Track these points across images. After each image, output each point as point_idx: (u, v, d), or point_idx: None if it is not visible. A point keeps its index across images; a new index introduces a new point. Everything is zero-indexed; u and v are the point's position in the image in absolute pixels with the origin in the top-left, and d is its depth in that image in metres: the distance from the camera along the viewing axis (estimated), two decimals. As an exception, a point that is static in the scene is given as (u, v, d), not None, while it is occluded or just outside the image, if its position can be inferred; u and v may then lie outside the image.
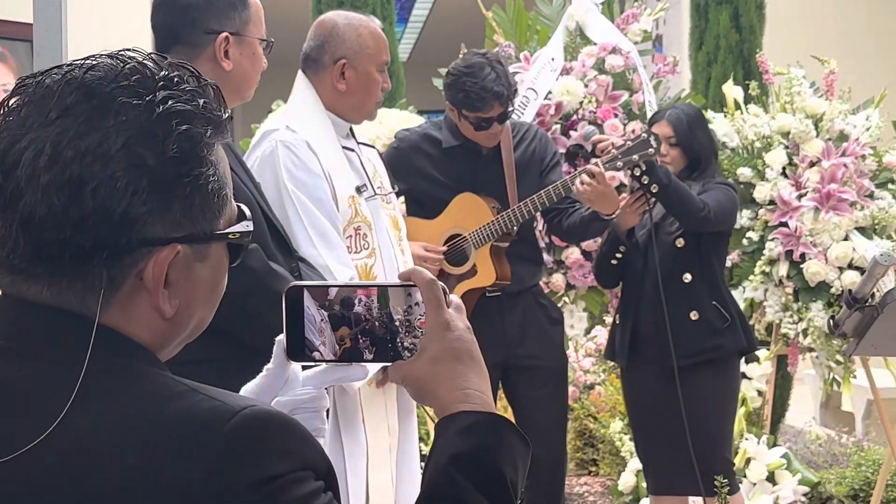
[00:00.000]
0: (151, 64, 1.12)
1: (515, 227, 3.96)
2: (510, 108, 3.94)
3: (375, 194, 3.14)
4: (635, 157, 3.77)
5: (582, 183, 3.77)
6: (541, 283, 4.29)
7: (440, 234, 4.01)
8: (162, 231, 1.08)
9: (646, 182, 3.82)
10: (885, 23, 9.91)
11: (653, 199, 3.91)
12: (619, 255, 4.12)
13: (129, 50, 1.14)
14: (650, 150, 3.75)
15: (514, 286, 4.02)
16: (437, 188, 4.00)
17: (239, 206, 1.18)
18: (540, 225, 4.48)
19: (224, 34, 2.50)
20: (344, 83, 3.05)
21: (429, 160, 4.02)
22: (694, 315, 3.97)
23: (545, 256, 4.86)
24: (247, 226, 1.17)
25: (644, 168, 3.81)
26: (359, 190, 3.04)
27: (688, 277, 3.99)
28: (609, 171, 3.80)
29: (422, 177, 4.01)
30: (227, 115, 1.15)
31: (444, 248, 3.98)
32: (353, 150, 3.15)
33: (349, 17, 3.11)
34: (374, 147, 3.44)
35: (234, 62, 2.52)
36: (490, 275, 3.95)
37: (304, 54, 3.11)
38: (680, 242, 4.01)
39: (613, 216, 3.90)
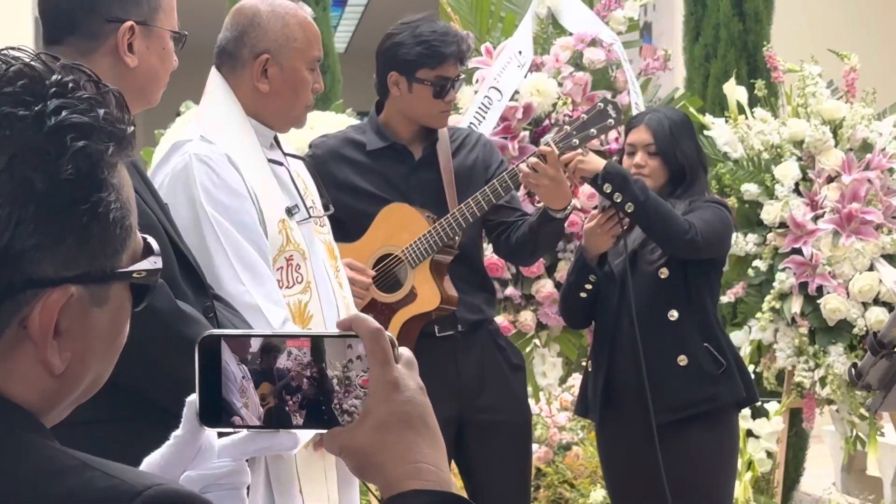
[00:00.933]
0: (41, 66, 1.11)
1: (458, 237, 3.96)
2: (461, 76, 4.02)
3: (309, 217, 3.13)
4: (593, 130, 3.81)
5: (529, 166, 3.79)
6: (507, 322, 4.30)
7: (367, 257, 3.97)
8: (52, 270, 1.07)
9: (618, 200, 3.83)
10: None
11: (627, 221, 3.93)
12: (588, 287, 4.12)
13: (12, 48, 1.13)
14: (609, 121, 3.79)
15: (469, 315, 4.02)
16: (361, 200, 3.98)
17: (145, 239, 1.17)
18: (489, 250, 4.49)
19: (129, 23, 2.48)
20: (266, 83, 3.03)
21: (350, 167, 4.02)
22: (682, 360, 3.97)
23: (511, 290, 4.86)
24: (154, 262, 1.16)
25: (614, 182, 3.82)
26: (289, 212, 3.02)
27: (674, 315, 3.99)
28: (564, 150, 3.82)
29: (341, 188, 3.96)
30: (131, 128, 1.14)
31: (373, 273, 3.95)
32: (280, 164, 3.14)
33: (273, 4, 3.08)
34: (303, 159, 3.43)
35: (139, 57, 2.51)
36: (433, 297, 3.94)
37: (219, 47, 3.09)
38: (664, 273, 4.01)
39: (565, 213, 3.90)
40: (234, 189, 2.85)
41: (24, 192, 1.05)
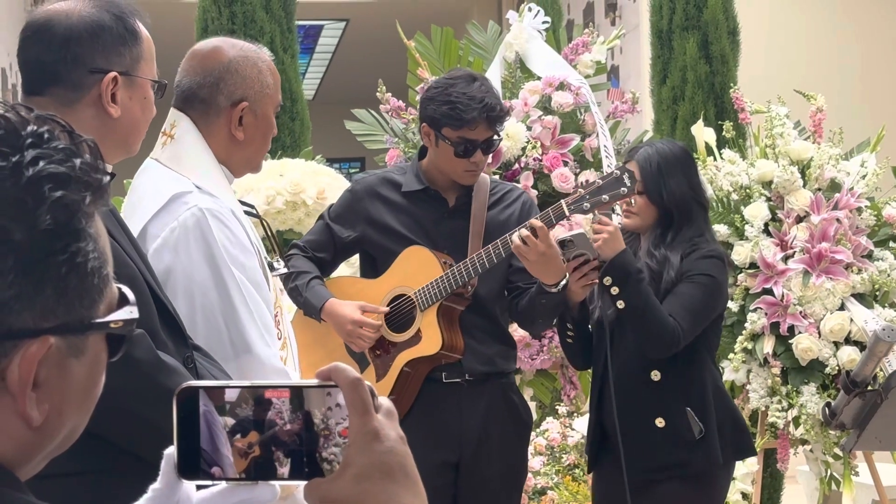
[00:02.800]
0: (15, 117, 1.11)
1: (470, 286, 3.98)
2: (497, 137, 4.02)
3: (278, 273, 3.11)
4: (605, 197, 3.79)
5: (520, 238, 3.78)
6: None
7: (383, 295, 4.05)
8: (31, 321, 1.07)
9: (614, 293, 3.80)
10: (883, 51, 10.14)
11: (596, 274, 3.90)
12: (569, 334, 4.11)
13: None
14: (622, 189, 3.76)
15: (478, 366, 4.03)
16: (390, 239, 4.06)
17: (120, 289, 1.17)
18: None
19: (112, 74, 2.47)
20: (241, 130, 2.99)
21: (384, 205, 4.10)
22: (660, 422, 3.91)
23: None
24: (130, 312, 1.16)
25: (615, 276, 3.77)
26: (271, 266, 3.01)
27: (656, 375, 3.92)
28: (574, 213, 3.82)
29: (372, 224, 4.08)
30: (106, 178, 1.14)
31: (387, 310, 4.02)
32: (252, 216, 3.12)
33: (243, 49, 3.04)
34: (253, 208, 3.37)
35: (122, 107, 2.49)
36: (435, 341, 3.96)
37: (189, 92, 3.01)
38: None
39: (558, 289, 3.87)
40: (245, 246, 2.81)
41: (3, 243, 1.05)
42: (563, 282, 3.86)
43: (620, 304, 3.79)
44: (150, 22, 2.63)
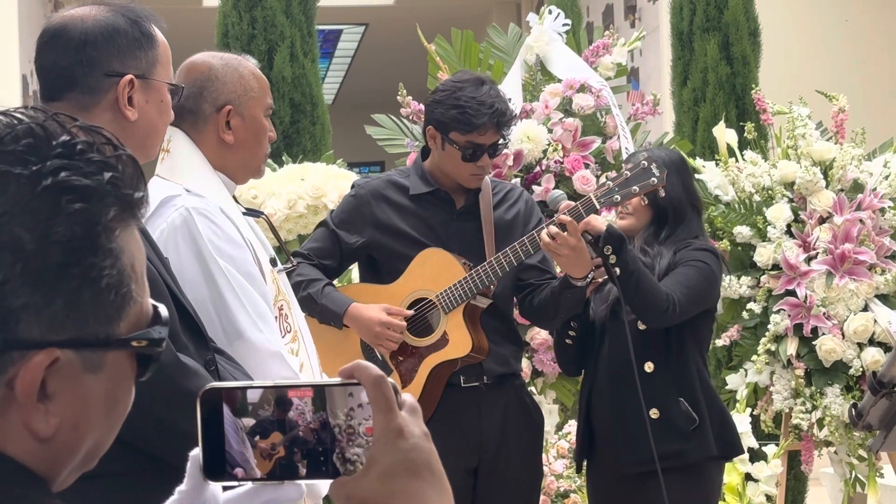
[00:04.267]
0: (54, 126, 1.10)
1: (493, 285, 3.98)
2: (503, 141, 4.01)
3: (283, 268, 3.17)
4: (635, 188, 3.79)
5: (549, 235, 3.77)
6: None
7: (401, 300, 4.01)
8: (38, 332, 1.06)
9: (612, 262, 3.81)
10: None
11: (602, 271, 3.91)
12: (571, 333, 4.12)
13: (32, 108, 1.13)
14: (653, 179, 3.77)
15: (496, 367, 4.03)
16: (400, 242, 4.03)
17: (155, 307, 1.16)
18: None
19: (128, 77, 2.48)
20: (230, 133, 3.05)
21: (393, 209, 4.06)
22: (654, 413, 3.93)
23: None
24: (159, 332, 1.15)
25: (613, 244, 3.79)
26: (273, 262, 3.05)
27: (650, 367, 3.96)
28: (605, 205, 3.82)
29: (381, 228, 4.04)
30: (139, 194, 1.13)
31: (410, 312, 3.98)
32: (254, 216, 3.18)
33: (224, 58, 3.14)
34: (263, 213, 3.46)
35: (139, 111, 2.51)
36: (465, 344, 3.94)
37: (177, 106, 3.09)
38: (642, 324, 3.98)
39: (585, 282, 3.89)
40: (234, 240, 2.86)
41: (12, 250, 1.04)
42: (591, 275, 3.87)
43: (617, 271, 3.80)
44: (166, 28, 2.64)
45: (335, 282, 4.20)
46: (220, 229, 2.84)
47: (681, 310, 3.86)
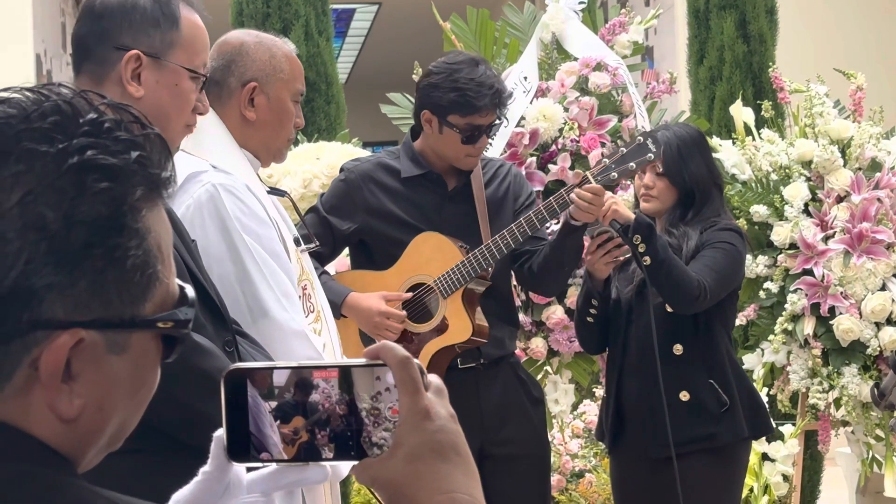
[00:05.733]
0: (82, 104, 1.09)
1: (491, 268, 3.95)
2: (499, 121, 4.00)
3: (306, 247, 3.17)
4: (632, 164, 3.78)
5: (580, 198, 3.75)
6: (518, 349, 4.28)
7: (398, 286, 3.97)
8: (62, 312, 1.05)
9: (641, 251, 3.79)
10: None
11: (624, 249, 3.89)
12: (593, 311, 4.10)
13: (60, 85, 1.12)
14: (648, 155, 3.75)
15: (493, 350, 4.02)
16: (392, 226, 3.99)
17: (182, 288, 1.15)
18: (514, 280, 4.48)
19: (134, 52, 2.45)
20: (253, 111, 3.06)
21: (384, 193, 4.02)
22: (684, 396, 3.92)
23: (522, 317, 4.85)
24: (185, 313, 1.14)
25: (643, 233, 3.77)
26: (297, 242, 3.04)
27: (678, 349, 3.94)
28: (602, 183, 3.80)
29: (373, 213, 4.00)
30: (166, 173, 1.13)
31: (408, 295, 3.95)
32: (278, 195, 3.17)
33: (260, 36, 3.15)
34: (286, 193, 3.45)
35: (146, 89, 2.47)
36: (465, 328, 3.91)
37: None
38: (670, 306, 3.98)
39: (580, 222, 3.87)
40: (261, 218, 2.86)
41: (37, 229, 1.04)
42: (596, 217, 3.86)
43: (647, 261, 3.78)
44: (209, 18, 2.61)
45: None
46: (246, 206, 2.84)
47: (711, 295, 3.84)
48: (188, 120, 2.58)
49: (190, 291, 1.16)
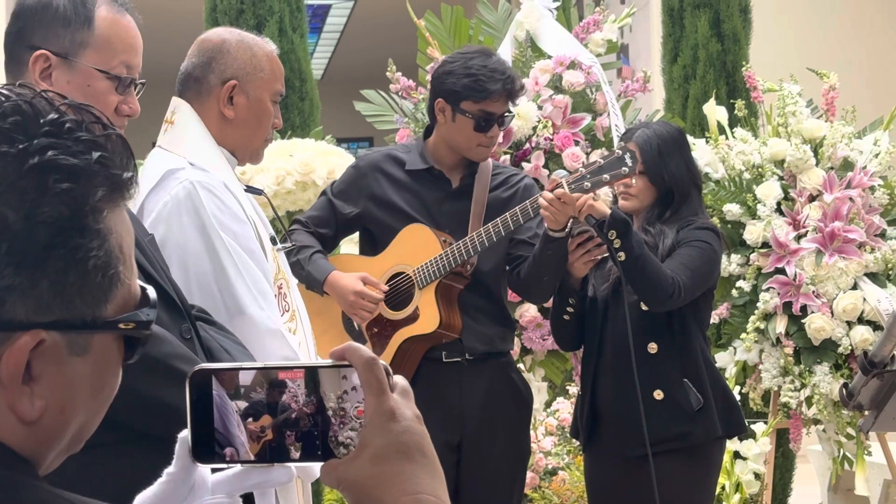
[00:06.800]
0: (43, 104, 1.09)
1: (469, 264, 4.00)
2: (511, 113, 4.06)
3: (282, 246, 3.18)
4: (606, 176, 3.78)
5: (547, 202, 3.76)
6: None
7: (383, 273, 4.07)
8: (23, 313, 1.05)
9: (616, 247, 3.79)
10: None
11: (603, 248, 3.90)
12: (569, 310, 4.10)
13: (21, 85, 1.11)
14: (624, 168, 3.76)
15: (478, 346, 4.04)
16: (392, 216, 4.08)
17: (143, 288, 1.15)
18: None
19: (40, 52, 2.42)
20: (232, 109, 3.06)
21: (388, 182, 4.12)
22: (658, 394, 3.93)
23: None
24: (147, 314, 1.14)
25: (619, 229, 3.77)
26: (273, 240, 3.05)
27: (653, 347, 3.95)
28: (575, 191, 3.80)
29: (374, 200, 4.11)
30: (128, 174, 1.12)
31: (386, 288, 4.03)
32: (255, 194, 3.18)
33: (242, 35, 3.15)
34: (263, 191, 3.47)
35: (57, 89, 2.35)
36: (432, 320, 3.97)
37: (185, 74, 3.11)
38: (645, 305, 3.98)
39: (566, 233, 3.87)
40: (238, 216, 2.88)
41: None
42: (569, 225, 3.85)
43: (622, 257, 3.78)
44: (140, 19, 2.55)
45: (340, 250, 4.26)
46: (223, 204, 2.85)
47: (685, 293, 3.85)
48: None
49: (151, 292, 1.15)
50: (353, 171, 4.18)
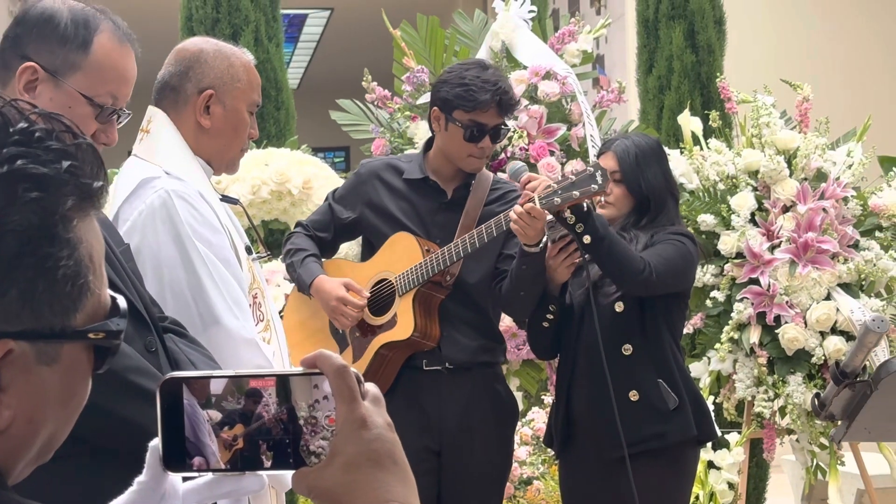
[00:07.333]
0: (12, 113, 1.09)
1: (449, 275, 4.02)
2: (505, 126, 4.07)
3: (258, 256, 3.19)
4: (576, 193, 3.78)
5: (516, 214, 3.77)
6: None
7: (368, 279, 4.12)
8: None
9: (579, 230, 3.81)
10: (869, 41, 10.14)
11: (583, 252, 3.91)
12: (549, 317, 4.11)
13: None
14: (593, 186, 3.76)
15: (458, 356, 4.04)
16: (386, 223, 4.12)
17: (113, 298, 1.15)
18: None
19: (29, 64, 2.41)
20: (208, 119, 3.05)
21: (385, 189, 4.16)
22: (633, 395, 3.93)
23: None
24: (117, 324, 1.13)
25: (578, 213, 3.80)
26: (248, 250, 3.05)
27: (628, 349, 3.96)
28: (545, 208, 3.81)
29: (371, 207, 4.16)
30: (98, 183, 1.11)
31: (367, 294, 4.07)
32: (230, 203, 3.18)
33: (219, 45, 3.15)
34: (238, 201, 3.47)
35: (39, 102, 2.35)
36: (407, 327, 3.99)
37: (161, 83, 3.11)
38: (619, 307, 3.97)
39: (541, 248, 3.88)
40: (213, 225, 2.88)
41: None
42: (544, 240, 3.86)
43: (587, 240, 3.79)
44: (139, 52, 2.53)
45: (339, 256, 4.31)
46: (199, 213, 2.85)
47: (657, 276, 3.85)
48: None
49: (122, 302, 1.15)
50: (354, 178, 4.25)
